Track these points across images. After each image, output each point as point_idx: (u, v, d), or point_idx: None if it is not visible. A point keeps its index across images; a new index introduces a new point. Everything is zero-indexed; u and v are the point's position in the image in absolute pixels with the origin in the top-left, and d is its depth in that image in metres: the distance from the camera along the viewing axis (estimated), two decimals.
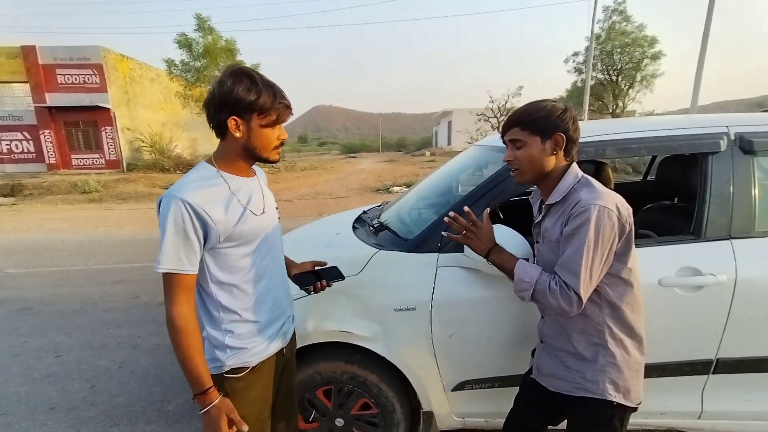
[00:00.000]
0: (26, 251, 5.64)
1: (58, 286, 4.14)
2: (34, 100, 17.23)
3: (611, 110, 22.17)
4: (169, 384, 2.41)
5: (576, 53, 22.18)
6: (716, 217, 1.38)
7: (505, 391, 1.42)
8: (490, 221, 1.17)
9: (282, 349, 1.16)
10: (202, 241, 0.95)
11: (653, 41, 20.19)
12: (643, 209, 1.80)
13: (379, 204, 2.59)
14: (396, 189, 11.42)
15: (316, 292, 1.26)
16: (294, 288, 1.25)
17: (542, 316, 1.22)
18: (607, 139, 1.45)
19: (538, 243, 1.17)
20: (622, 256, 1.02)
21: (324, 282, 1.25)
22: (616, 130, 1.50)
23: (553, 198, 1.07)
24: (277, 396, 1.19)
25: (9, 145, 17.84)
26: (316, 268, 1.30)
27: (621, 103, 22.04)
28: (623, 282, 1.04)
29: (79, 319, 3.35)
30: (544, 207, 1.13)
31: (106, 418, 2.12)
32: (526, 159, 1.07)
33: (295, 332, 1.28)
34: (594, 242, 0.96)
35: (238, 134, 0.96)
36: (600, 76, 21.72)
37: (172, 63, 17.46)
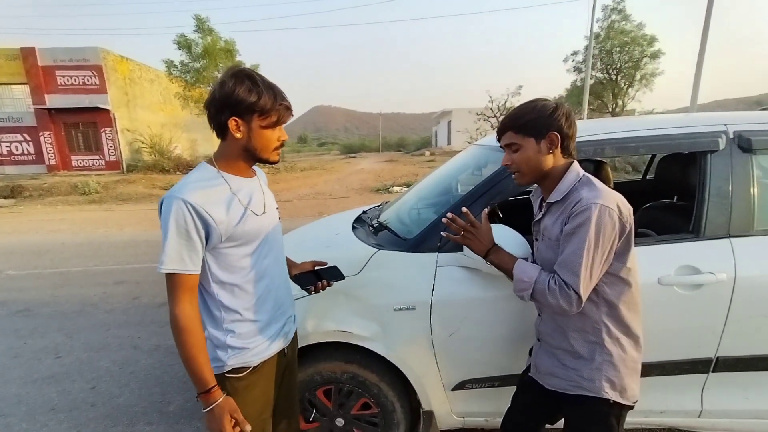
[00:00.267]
0: (26, 253, 5.64)
1: (59, 288, 4.14)
2: (33, 102, 17.25)
3: (611, 109, 22.15)
4: (170, 384, 2.41)
5: (575, 52, 22.17)
6: (715, 216, 1.39)
7: (505, 390, 1.42)
8: (488, 221, 1.17)
9: (284, 350, 1.17)
10: (204, 241, 0.95)
11: (652, 40, 20.18)
12: (642, 208, 1.80)
13: (378, 204, 2.59)
14: (396, 189, 11.42)
15: (317, 291, 1.26)
16: (295, 288, 1.25)
17: (539, 314, 1.22)
18: (606, 138, 1.45)
19: (538, 241, 1.18)
20: (622, 255, 1.02)
21: (324, 282, 1.25)
22: (615, 129, 1.50)
23: (553, 197, 1.07)
24: (279, 396, 1.19)
25: (9, 146, 17.87)
26: (317, 268, 1.30)
27: (621, 102, 22.03)
28: (622, 281, 1.04)
29: (79, 320, 3.35)
30: (544, 205, 1.13)
31: (107, 419, 2.13)
32: (523, 162, 1.07)
33: (296, 332, 1.28)
34: (594, 241, 0.96)
35: (238, 135, 0.96)
36: (599, 75, 21.71)
37: (171, 64, 17.48)
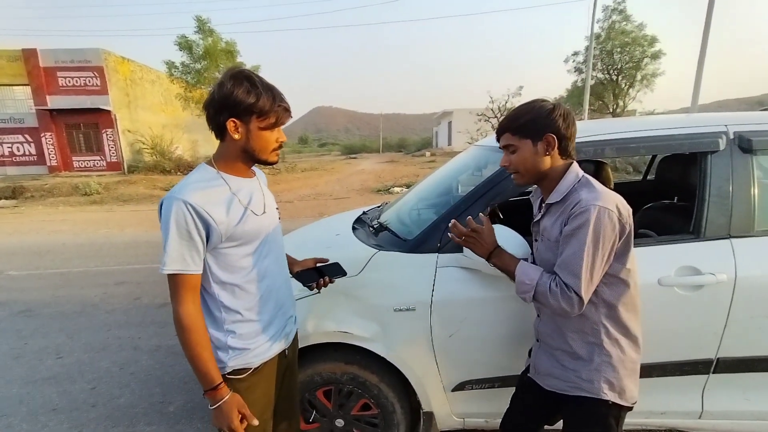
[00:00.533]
0: (27, 253, 5.65)
1: (59, 288, 4.15)
2: (35, 103, 17.28)
3: (612, 110, 22.14)
4: (170, 385, 2.41)
5: (576, 53, 22.17)
6: (716, 217, 1.38)
7: (505, 391, 1.42)
8: (490, 224, 1.16)
9: (284, 351, 1.17)
10: (205, 242, 0.95)
11: (653, 40, 20.17)
12: (642, 208, 1.80)
13: (379, 204, 2.59)
14: (396, 189, 11.43)
15: (319, 288, 1.26)
16: (295, 288, 1.25)
17: (538, 315, 1.22)
18: (607, 138, 1.46)
19: (537, 242, 1.18)
20: (621, 256, 1.02)
21: (327, 278, 1.26)
22: (615, 129, 1.50)
23: (553, 197, 1.07)
24: (279, 397, 1.19)
25: (11, 147, 17.90)
26: (318, 265, 1.30)
27: (621, 103, 22.01)
28: (621, 282, 1.04)
29: (80, 320, 3.36)
30: (543, 206, 1.13)
31: (107, 420, 2.13)
32: (520, 163, 1.08)
33: (297, 333, 1.28)
34: (594, 243, 0.96)
35: (236, 136, 0.97)
36: (600, 75, 21.70)
37: (172, 65, 17.51)
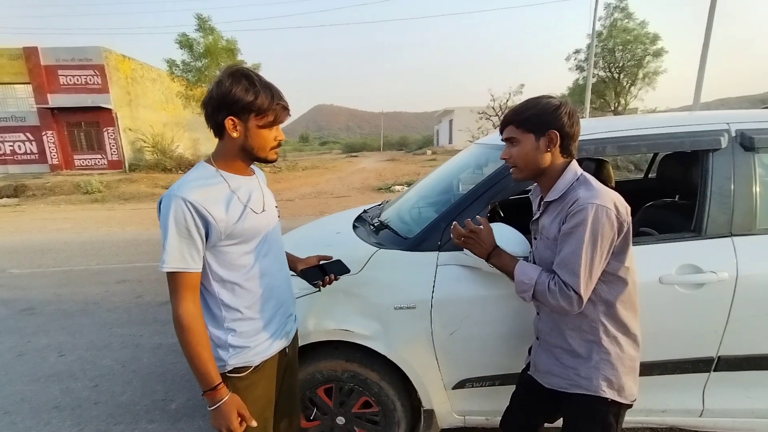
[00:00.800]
0: (29, 252, 5.67)
1: (61, 286, 4.16)
2: (36, 101, 17.30)
3: (613, 108, 22.07)
4: (172, 383, 2.42)
5: (577, 51, 22.11)
6: (717, 215, 1.38)
7: (505, 389, 1.42)
8: (488, 225, 1.16)
9: (285, 349, 1.17)
10: (204, 239, 0.95)
11: (655, 38, 20.10)
12: (644, 207, 1.80)
13: (379, 203, 2.59)
14: (397, 188, 11.42)
15: (324, 285, 1.27)
16: (296, 287, 1.26)
17: (537, 313, 1.22)
18: (608, 136, 1.45)
19: (536, 240, 1.18)
20: (620, 254, 1.02)
21: (332, 276, 1.27)
22: (616, 127, 1.50)
23: (551, 195, 1.07)
24: (280, 395, 1.20)
25: (12, 146, 17.94)
26: (322, 262, 1.31)
27: (623, 101, 21.95)
28: (620, 280, 1.04)
29: (82, 318, 3.37)
30: (542, 204, 1.13)
31: (110, 417, 2.14)
32: (520, 157, 1.07)
33: (297, 332, 1.28)
34: (592, 241, 0.96)
35: (235, 134, 0.96)
36: (602, 73, 21.64)
37: (173, 63, 17.49)
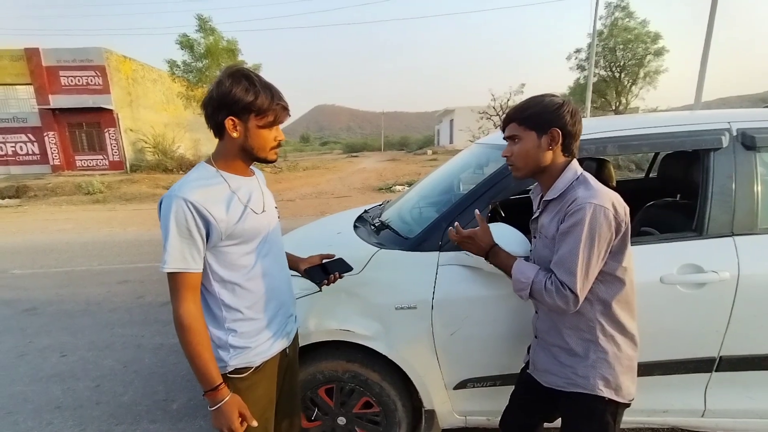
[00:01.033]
0: (31, 252, 5.68)
1: (63, 287, 4.17)
2: (38, 102, 17.33)
3: (614, 107, 22.04)
4: (173, 383, 2.42)
5: (578, 50, 22.07)
6: (718, 214, 1.38)
7: (506, 389, 1.42)
8: (485, 223, 1.17)
9: (285, 349, 1.17)
10: (205, 240, 0.95)
11: (656, 37, 20.05)
12: (645, 206, 1.79)
13: (380, 203, 2.59)
14: (398, 188, 11.42)
15: (329, 284, 1.27)
16: (296, 287, 1.26)
17: (536, 312, 1.22)
18: (609, 136, 1.45)
19: (535, 238, 1.18)
20: (618, 254, 1.02)
21: (336, 274, 1.27)
22: (617, 126, 1.49)
23: (550, 194, 1.07)
24: (281, 396, 1.20)
25: (14, 146, 17.98)
26: (324, 261, 1.31)
27: (624, 100, 21.90)
28: (617, 280, 1.04)
29: (83, 319, 3.38)
30: (541, 202, 1.13)
31: (111, 417, 2.14)
32: (521, 154, 1.07)
33: (297, 332, 1.28)
34: (589, 241, 0.96)
35: (235, 134, 0.97)
36: (603, 72, 21.60)
37: (174, 64, 17.51)
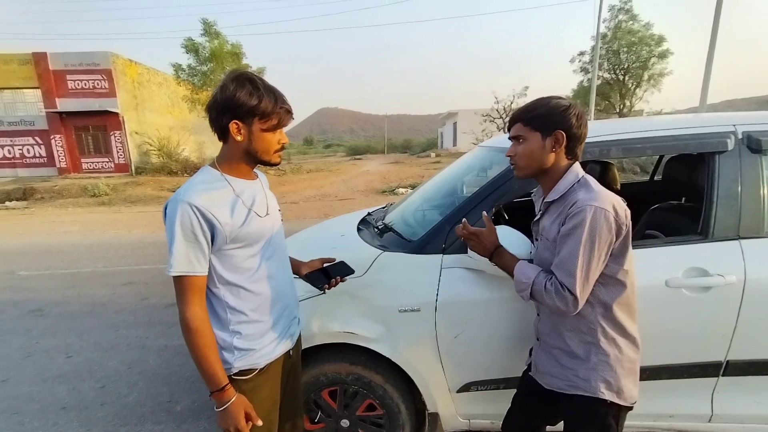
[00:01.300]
0: (38, 254, 5.73)
1: (69, 288, 4.21)
2: (45, 106, 17.53)
3: (618, 110, 21.94)
4: (177, 385, 2.43)
5: (582, 53, 22.00)
6: (724, 217, 1.37)
7: (509, 392, 1.41)
8: (491, 224, 1.18)
9: (289, 351, 1.17)
10: (210, 243, 0.96)
11: (660, 39, 19.96)
12: (649, 209, 1.78)
13: (383, 205, 2.60)
14: (401, 190, 11.42)
15: (330, 288, 1.28)
16: (300, 289, 1.26)
17: (538, 314, 1.22)
18: (613, 139, 1.44)
19: (537, 241, 1.18)
20: (619, 257, 1.01)
21: (338, 278, 1.28)
22: (621, 129, 1.49)
23: (551, 196, 1.07)
24: (284, 397, 1.20)
25: (21, 149, 18.18)
26: (325, 265, 1.32)
27: (628, 103, 21.80)
28: (618, 283, 1.04)
29: (89, 320, 3.40)
30: (543, 205, 1.13)
31: (116, 418, 2.15)
32: (524, 155, 1.08)
33: (300, 334, 1.29)
34: (590, 243, 0.96)
35: (239, 138, 0.97)
36: (606, 75, 21.51)
37: (179, 67, 17.66)
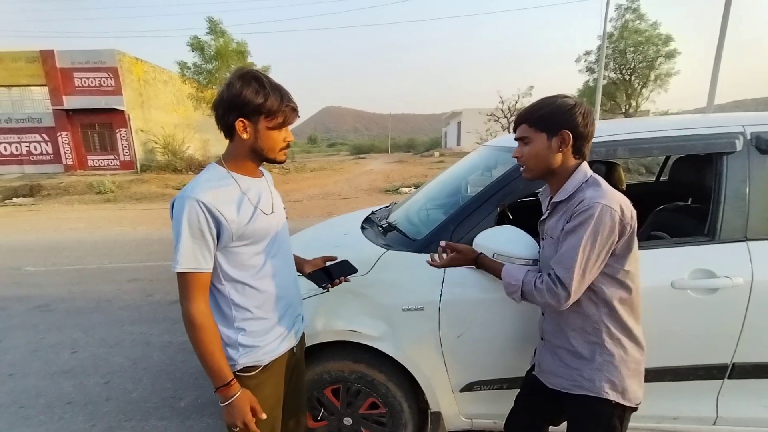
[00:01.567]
0: (44, 250, 5.79)
1: (75, 284, 4.25)
2: (52, 103, 17.71)
3: (624, 110, 21.79)
4: (181, 381, 2.45)
5: (588, 52, 21.88)
6: (731, 219, 1.35)
7: (512, 392, 1.41)
8: (458, 245, 1.24)
9: (293, 348, 1.18)
10: (216, 240, 0.97)
11: (668, 39, 19.79)
12: (656, 210, 1.77)
13: (387, 204, 2.60)
14: (405, 190, 11.42)
15: (333, 286, 1.28)
16: (303, 287, 1.26)
17: (543, 313, 1.21)
18: (619, 139, 1.44)
19: (543, 240, 1.17)
20: (622, 257, 1.01)
21: (341, 278, 1.28)
22: (627, 129, 1.48)
23: (559, 196, 1.07)
24: (287, 395, 1.21)
25: (28, 146, 18.38)
26: (328, 263, 1.32)
27: (634, 103, 21.65)
28: (620, 284, 1.03)
29: (94, 316, 3.43)
30: (550, 204, 1.12)
31: (120, 414, 2.17)
32: (531, 156, 1.07)
33: (304, 331, 1.29)
34: (592, 240, 0.95)
35: (245, 136, 0.98)
36: (613, 75, 21.38)
37: (184, 65, 17.78)
